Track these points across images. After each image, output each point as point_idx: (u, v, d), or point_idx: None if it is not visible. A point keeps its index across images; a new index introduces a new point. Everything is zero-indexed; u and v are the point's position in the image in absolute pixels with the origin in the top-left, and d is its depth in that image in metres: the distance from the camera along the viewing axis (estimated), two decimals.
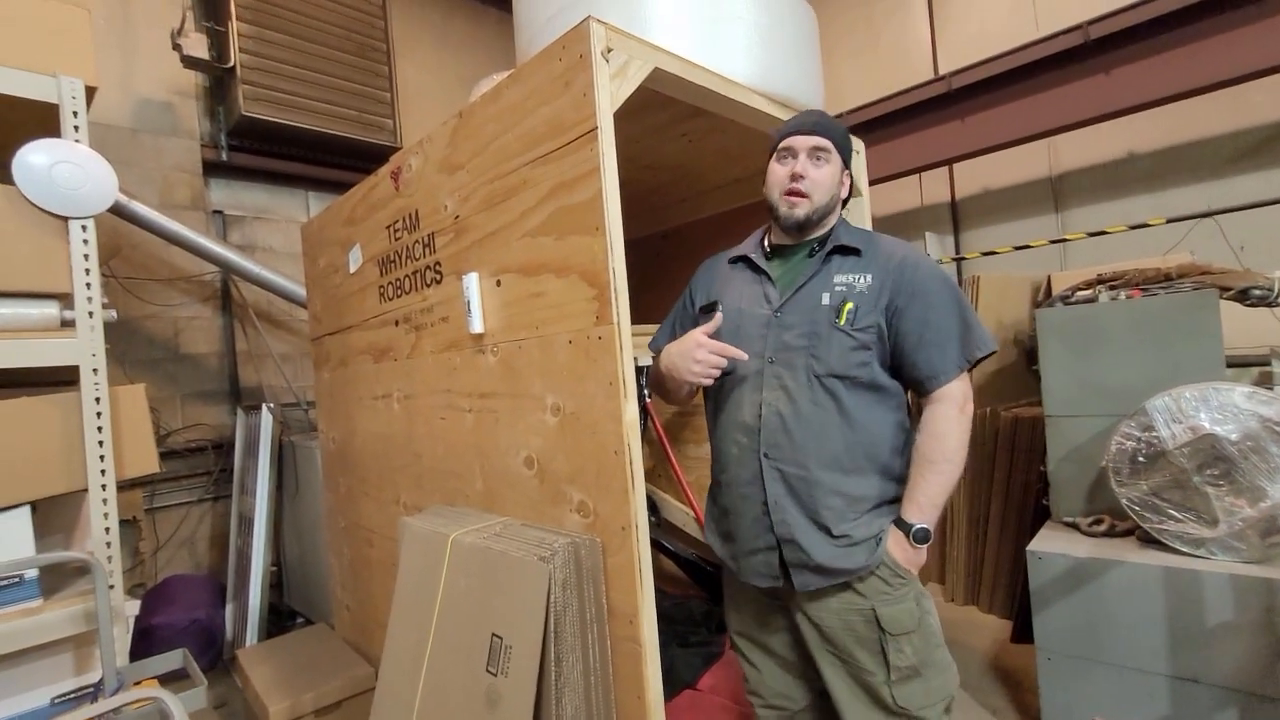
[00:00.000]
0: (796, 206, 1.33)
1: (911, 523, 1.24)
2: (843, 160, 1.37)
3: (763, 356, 1.30)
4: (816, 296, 1.29)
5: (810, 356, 1.26)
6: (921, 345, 1.24)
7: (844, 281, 1.28)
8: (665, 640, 2.04)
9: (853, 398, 1.25)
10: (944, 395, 1.25)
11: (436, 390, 1.81)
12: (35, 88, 1.86)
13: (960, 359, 1.25)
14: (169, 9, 3.50)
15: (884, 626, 1.23)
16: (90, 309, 1.90)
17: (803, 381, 1.26)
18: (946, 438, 1.24)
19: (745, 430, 1.31)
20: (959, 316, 1.26)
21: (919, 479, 1.25)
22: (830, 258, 1.33)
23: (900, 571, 1.25)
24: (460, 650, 1.37)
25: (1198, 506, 1.72)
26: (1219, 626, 1.65)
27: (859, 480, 1.26)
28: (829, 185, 1.34)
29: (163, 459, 3.08)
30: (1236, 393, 1.69)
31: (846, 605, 1.27)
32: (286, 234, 3.92)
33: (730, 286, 1.43)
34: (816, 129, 1.34)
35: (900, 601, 1.25)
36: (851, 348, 1.24)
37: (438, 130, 1.71)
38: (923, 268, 1.29)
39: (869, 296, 1.26)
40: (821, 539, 1.24)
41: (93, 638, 1.82)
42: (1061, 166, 4.25)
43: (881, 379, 1.27)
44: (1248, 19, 3.04)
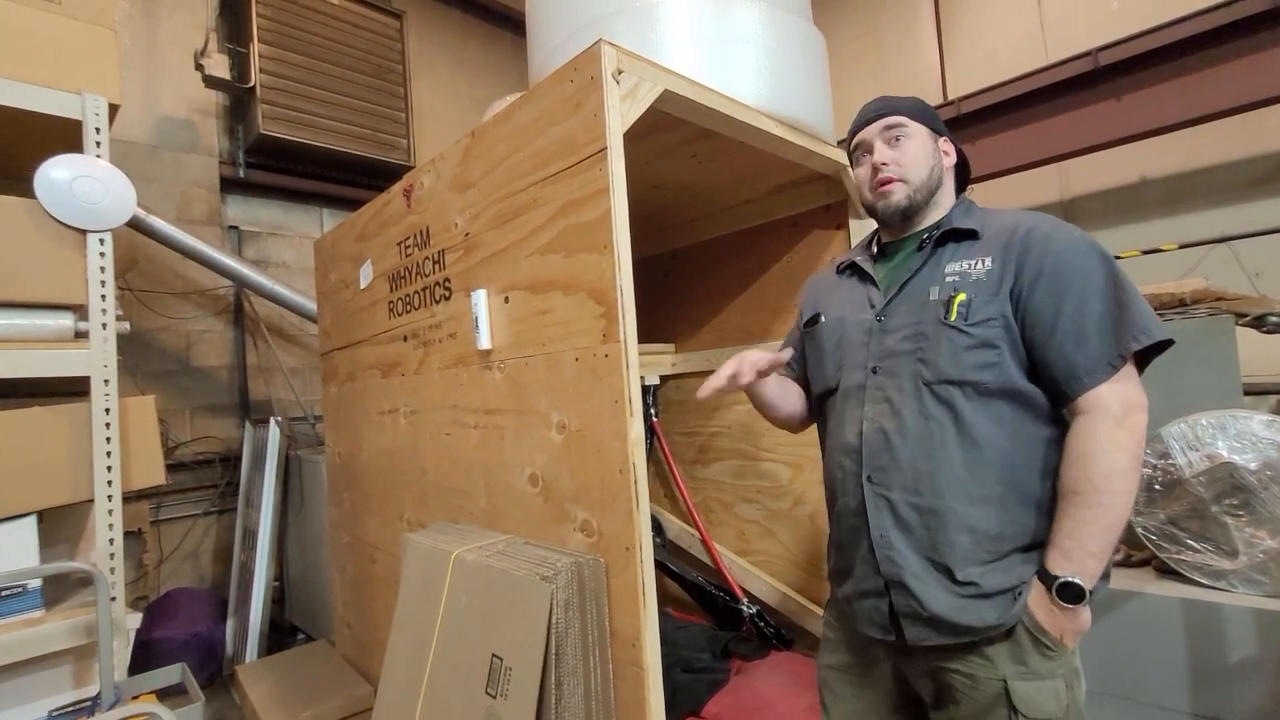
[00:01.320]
0: (891, 194, 1.17)
1: (1056, 574, 0.98)
2: (930, 129, 1.20)
3: (865, 367, 1.15)
4: (924, 292, 1.11)
5: (918, 361, 1.08)
6: (1054, 337, 1.00)
7: (957, 270, 1.09)
8: (668, 665, 2.00)
9: (977, 409, 1.03)
10: (1091, 404, 0.98)
11: (443, 406, 1.81)
12: (60, 105, 1.91)
13: (1110, 352, 0.97)
14: (193, 31, 3.60)
15: (1017, 707, 0.99)
16: (104, 321, 1.92)
17: (909, 391, 1.08)
18: (1093, 460, 0.96)
19: (848, 452, 1.15)
20: (1107, 296, 0.99)
21: (1062, 517, 0.99)
22: (941, 246, 1.14)
23: (1045, 639, 1.00)
24: (460, 671, 1.35)
25: (1217, 537, 1.68)
26: (1241, 663, 1.60)
27: (993, 513, 1.02)
28: (921, 158, 1.17)
29: (170, 471, 3.10)
30: (1255, 420, 1.65)
31: (972, 670, 1.04)
32: (300, 250, 3.98)
33: (835, 296, 1.30)
34: (881, 111, 1.21)
35: (1043, 678, 1.00)
36: (967, 347, 1.03)
37: (450, 149, 1.73)
38: (1056, 238, 1.03)
39: (988, 284, 1.04)
40: (939, 585, 1.03)
41: (93, 650, 1.80)
42: (1073, 191, 4.24)
43: (1019, 383, 1.03)
44: (1259, 46, 3.05)
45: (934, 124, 1.22)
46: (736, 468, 2.52)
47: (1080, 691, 1.04)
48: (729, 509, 2.56)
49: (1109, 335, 0.98)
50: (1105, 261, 1.01)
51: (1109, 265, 1.01)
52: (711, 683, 2.06)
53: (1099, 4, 4.03)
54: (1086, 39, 3.60)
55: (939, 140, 1.22)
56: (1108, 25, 3.79)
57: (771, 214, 2.33)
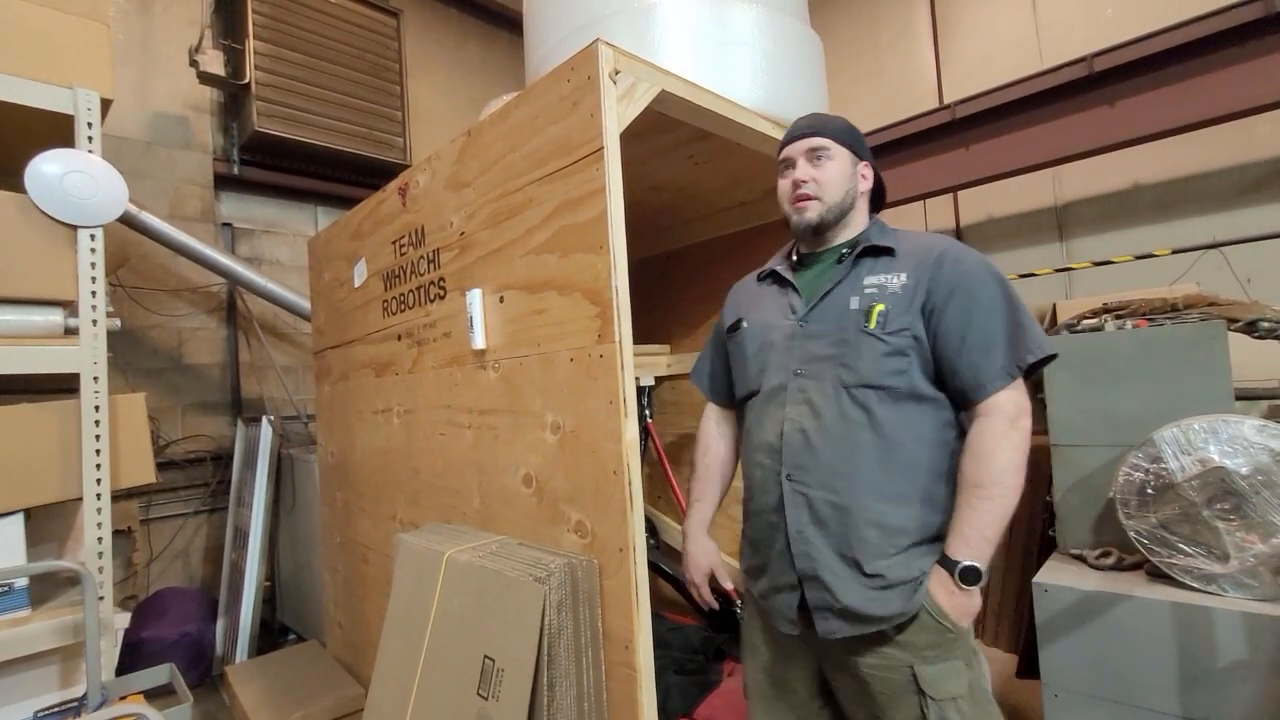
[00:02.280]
0: (806, 210, 1.25)
1: (957, 559, 1.08)
2: (852, 153, 1.28)
3: (788, 370, 1.21)
4: (844, 301, 1.19)
5: (839, 366, 1.15)
6: (963, 349, 1.11)
7: (875, 283, 1.17)
8: (661, 667, 2.00)
9: (889, 411, 1.12)
10: (991, 408, 1.10)
11: (437, 406, 1.80)
12: (52, 99, 1.89)
13: (1009, 364, 1.10)
14: (188, 27, 3.58)
15: (924, 689, 1.07)
16: (94, 317, 1.90)
17: (830, 394, 1.15)
18: (992, 457, 1.08)
19: (768, 451, 1.21)
20: (1007, 315, 1.12)
21: (964, 507, 1.09)
22: (860, 260, 1.22)
23: (946, 623, 1.09)
24: (452, 672, 1.34)
25: (1208, 541, 1.69)
26: (1232, 666, 1.60)
27: (899, 509, 1.11)
28: (838, 181, 1.25)
29: (161, 469, 3.07)
30: (1246, 425, 1.66)
31: (881, 661, 1.11)
32: (294, 247, 3.95)
33: (757, 303, 1.36)
34: (808, 130, 1.28)
35: (945, 659, 1.09)
36: (884, 354, 1.12)
37: (446, 148, 1.73)
38: (965, 260, 1.15)
39: (903, 297, 1.14)
40: (851, 578, 1.11)
41: (80, 650, 1.78)
42: (1066, 196, 4.26)
43: (924, 389, 1.14)
44: (1252, 54, 3.07)
45: (857, 148, 1.30)
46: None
47: (980, 671, 1.14)
48: (724, 511, 2.54)
49: (1008, 350, 1.11)
50: (1004, 284, 1.15)
51: (1007, 287, 1.15)
52: (704, 684, 2.06)
53: (1094, 10, 4.06)
54: (1081, 45, 3.62)
55: (859, 165, 1.30)
56: (1102, 31, 3.81)
57: (767, 216, 2.33)
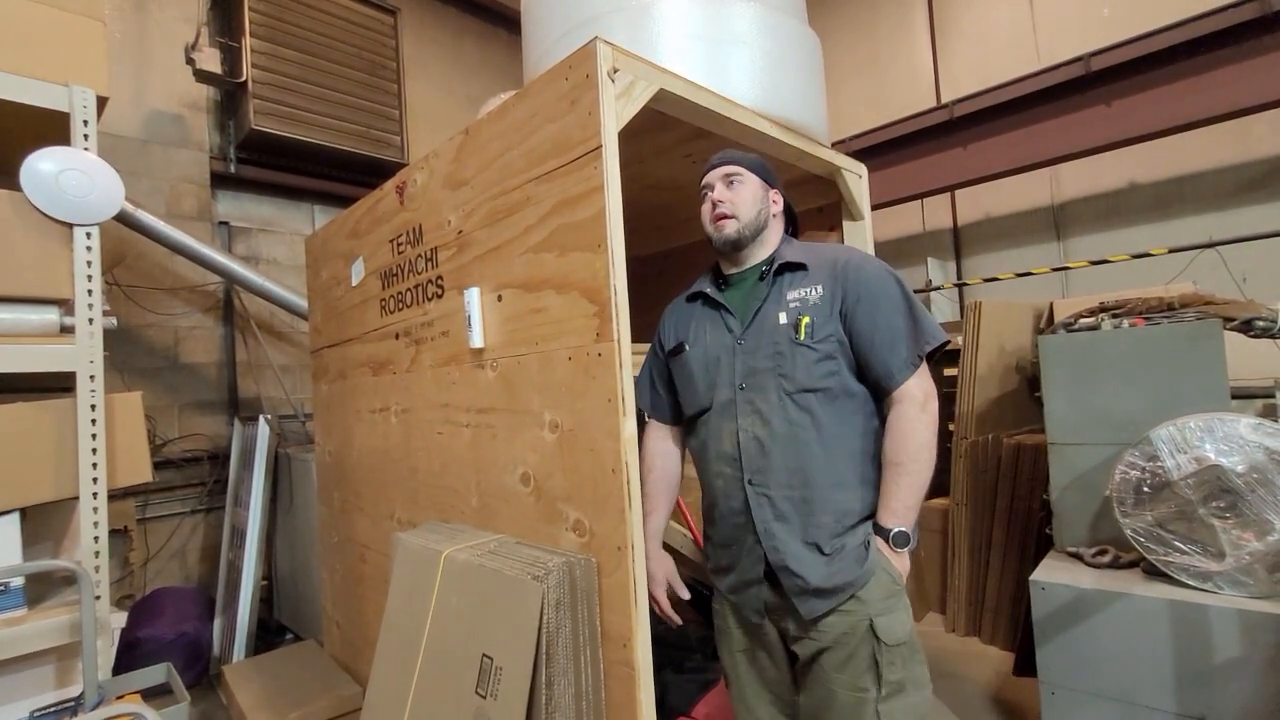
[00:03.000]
0: (724, 226, 1.38)
1: (888, 527, 1.24)
2: (762, 180, 1.42)
3: (733, 384, 1.33)
4: (774, 317, 1.32)
5: (779, 376, 1.28)
6: (874, 346, 1.26)
7: (797, 297, 1.31)
8: (659, 665, 1.99)
9: (827, 410, 1.27)
10: (902, 395, 1.26)
11: (435, 405, 1.80)
12: (47, 97, 1.88)
13: (912, 355, 1.26)
14: (184, 25, 3.57)
15: (880, 636, 1.22)
16: (90, 316, 1.90)
17: (775, 402, 1.28)
18: (908, 437, 1.24)
19: (727, 460, 1.33)
20: (905, 312, 1.28)
21: (888, 483, 1.26)
22: (779, 277, 1.36)
23: (893, 574, 1.25)
24: (450, 670, 1.34)
25: (1204, 539, 1.69)
26: (1227, 663, 1.61)
27: (846, 494, 1.27)
28: (750, 201, 1.39)
29: (157, 469, 3.06)
30: (1242, 424, 1.67)
31: (844, 617, 1.25)
32: (291, 246, 3.94)
33: (693, 324, 1.46)
34: (722, 161, 1.43)
35: (894, 611, 1.25)
36: (816, 360, 1.26)
37: (443, 146, 1.72)
38: (866, 269, 1.31)
39: (823, 307, 1.29)
40: (814, 560, 1.24)
41: (77, 649, 1.78)
42: (1064, 195, 4.27)
43: (853, 385, 1.29)
44: (1248, 54, 3.08)
45: (766, 177, 1.45)
46: None
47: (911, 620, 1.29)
48: None
49: (909, 342, 1.26)
50: (901, 285, 1.31)
51: (903, 288, 1.31)
52: (702, 683, 2.06)
53: (1091, 10, 4.07)
54: (1078, 44, 3.63)
55: (769, 191, 1.44)
56: (1099, 31, 3.82)
57: None
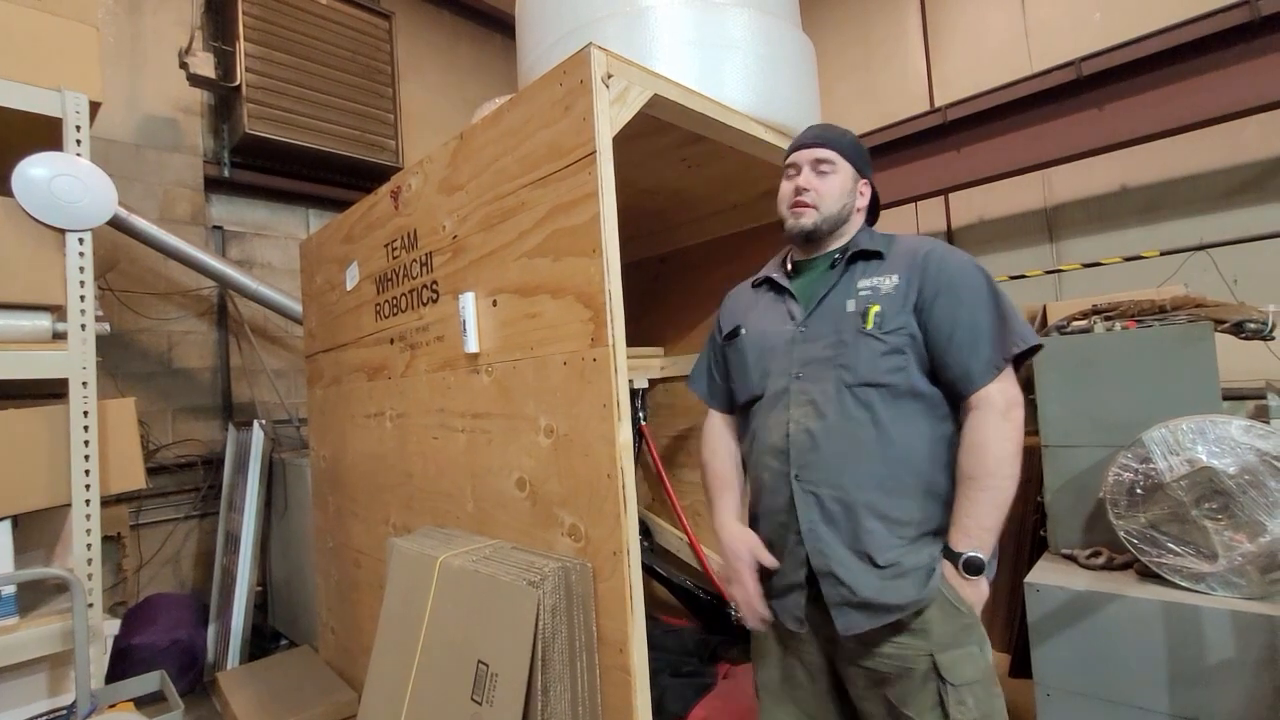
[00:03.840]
0: (802, 216, 1.28)
1: (959, 551, 1.10)
2: (855, 169, 1.32)
3: (789, 373, 1.24)
4: (841, 305, 1.22)
5: (839, 367, 1.18)
6: (952, 344, 1.14)
7: (869, 285, 1.21)
8: (656, 670, 1.99)
9: (889, 408, 1.15)
10: (982, 400, 1.12)
11: (430, 410, 1.79)
12: (40, 102, 1.88)
13: (995, 357, 1.13)
14: (178, 29, 3.56)
15: (944, 675, 1.09)
16: (83, 322, 1.89)
17: (832, 394, 1.17)
18: (986, 449, 1.10)
19: (775, 453, 1.23)
20: (992, 309, 1.15)
21: (962, 499, 1.12)
22: (852, 265, 1.26)
23: (962, 607, 1.11)
24: (445, 677, 1.34)
25: (1197, 540, 1.70)
26: (1220, 664, 1.62)
27: (902, 501, 1.14)
28: (837, 194, 1.29)
29: (151, 474, 3.04)
30: (1234, 426, 1.68)
31: (901, 650, 1.12)
32: (286, 250, 3.93)
33: (754, 310, 1.39)
34: (818, 141, 1.31)
35: (963, 645, 1.11)
36: (882, 353, 1.16)
37: (438, 151, 1.72)
38: (950, 259, 1.19)
39: (896, 298, 1.18)
40: (864, 570, 1.12)
41: (69, 658, 1.77)
42: (1056, 198, 4.30)
43: (922, 385, 1.16)
44: (1238, 57, 3.11)
45: (861, 166, 1.33)
46: None
47: (989, 654, 1.15)
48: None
49: (994, 342, 1.13)
50: (988, 280, 1.18)
51: (991, 283, 1.18)
52: (699, 687, 2.06)
53: (1082, 15, 4.10)
54: (1070, 48, 3.65)
55: (859, 182, 1.33)
56: (1090, 35, 3.85)
57: (760, 219, 2.34)
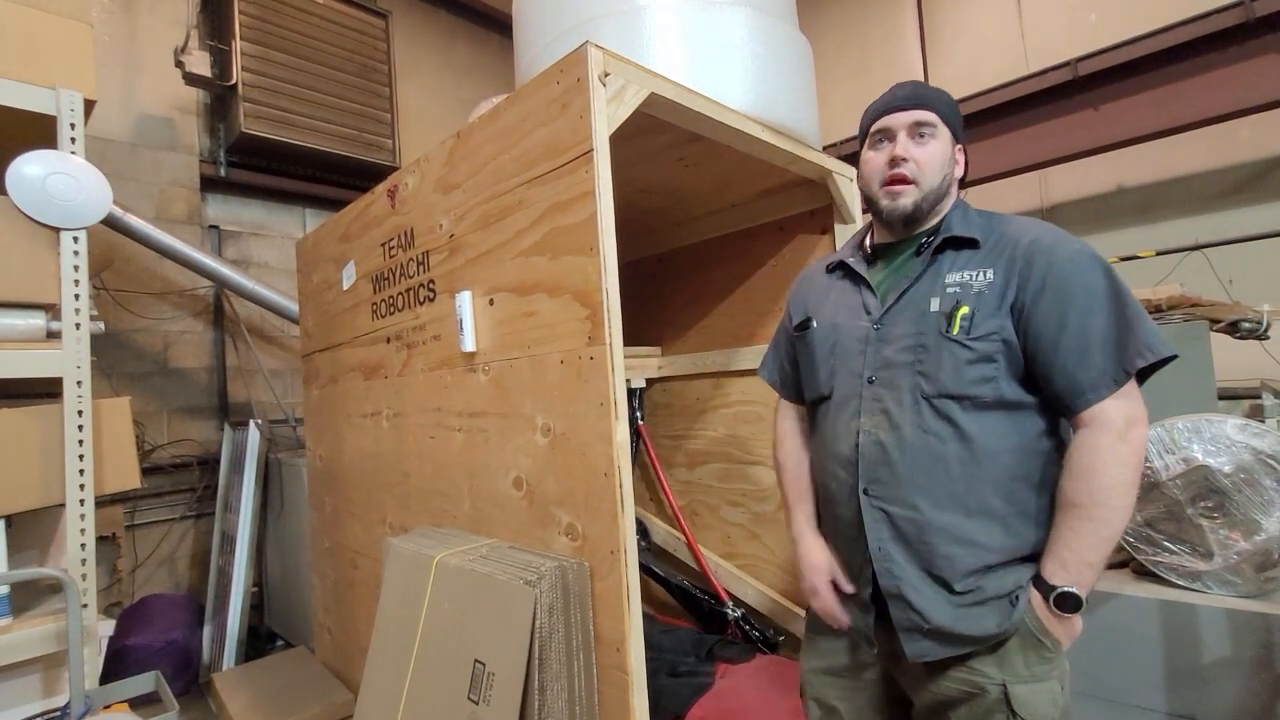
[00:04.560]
0: (901, 196, 1.11)
1: (1054, 584, 0.98)
2: (952, 134, 1.14)
3: (860, 376, 1.12)
4: (924, 302, 1.08)
5: (917, 374, 1.05)
6: (1058, 351, 0.98)
7: (958, 281, 1.06)
8: (653, 669, 1.99)
9: (975, 421, 1.02)
10: (1094, 418, 0.97)
11: (426, 409, 1.79)
12: (34, 99, 1.86)
13: (1115, 368, 0.97)
14: (173, 27, 3.54)
15: (1016, 710, 0.98)
16: (77, 320, 1.88)
17: (908, 404, 1.05)
18: (1097, 474, 0.96)
19: (843, 463, 1.13)
20: (1110, 310, 0.98)
21: (1061, 527, 0.99)
22: (940, 254, 1.11)
23: (1047, 640, 1.00)
24: (442, 676, 1.33)
25: (1192, 539, 1.71)
26: (1216, 663, 1.62)
27: (987, 525, 1.02)
28: (939, 165, 1.11)
29: (146, 474, 3.03)
30: (1229, 424, 1.69)
31: (972, 675, 1.03)
32: (282, 250, 3.92)
33: (826, 299, 1.25)
34: (915, 101, 1.12)
35: (1040, 680, 1.00)
36: (968, 361, 1.02)
37: (435, 150, 1.72)
38: (1060, 249, 1.02)
39: (990, 297, 1.03)
40: (939, 597, 1.02)
41: (63, 658, 1.76)
42: (1052, 198, 4.31)
43: (1014, 396, 1.03)
44: (1232, 59, 3.13)
45: (958, 130, 1.16)
46: (722, 471, 2.52)
47: (1068, 695, 1.05)
48: (714, 512, 2.56)
49: (1113, 351, 0.97)
50: (1108, 275, 1.00)
51: (1112, 279, 1.00)
52: (696, 687, 2.05)
53: (1078, 15, 4.11)
54: (1066, 49, 3.67)
55: (956, 148, 1.16)
56: (1086, 36, 3.86)
57: (758, 218, 2.34)
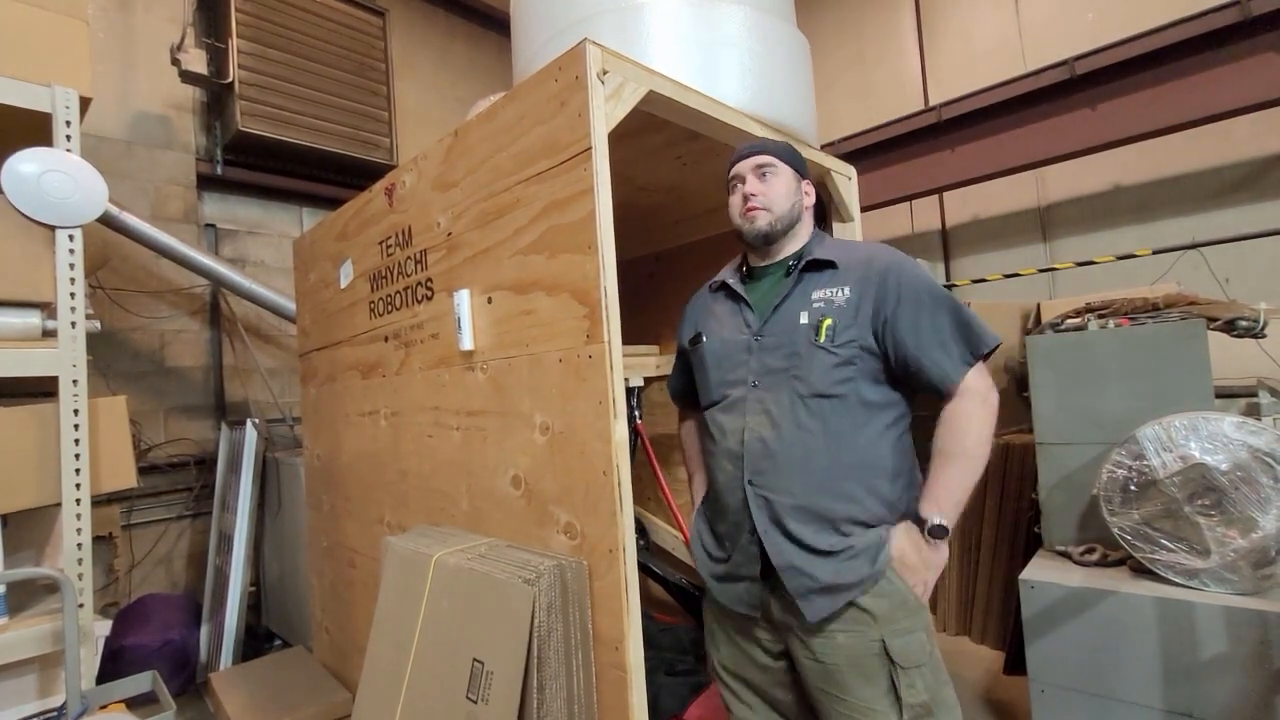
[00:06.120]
0: (756, 218, 1.33)
1: (925, 516, 1.20)
2: (795, 170, 1.38)
3: (747, 382, 1.29)
4: (795, 316, 1.27)
5: (793, 378, 1.24)
6: (922, 349, 1.21)
7: (821, 297, 1.27)
8: (652, 668, 1.99)
9: (841, 418, 1.22)
10: (964, 390, 1.21)
11: (424, 408, 1.78)
12: (29, 97, 1.86)
13: (966, 353, 1.22)
14: (169, 25, 3.53)
15: (894, 659, 1.17)
16: (73, 319, 1.87)
17: (786, 404, 1.24)
18: (965, 432, 1.20)
19: (731, 457, 1.30)
20: (952, 311, 1.23)
21: (937, 472, 1.21)
22: (805, 274, 1.32)
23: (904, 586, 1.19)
24: (440, 676, 1.33)
25: (1189, 537, 1.71)
26: (1213, 660, 1.63)
27: (851, 506, 1.21)
28: (784, 194, 1.34)
29: (143, 474, 3.03)
30: (1226, 422, 1.69)
31: (854, 638, 1.19)
32: (279, 248, 3.91)
33: (713, 316, 1.43)
34: (754, 150, 1.37)
35: (911, 632, 1.19)
36: (834, 365, 1.22)
37: (433, 147, 1.71)
38: (906, 273, 1.26)
39: (848, 310, 1.24)
40: (820, 560, 1.20)
41: (59, 658, 1.75)
42: (1050, 197, 4.32)
43: (871, 395, 1.24)
44: (1228, 58, 3.13)
45: (799, 168, 1.40)
46: None
47: (934, 643, 1.24)
48: None
49: (962, 341, 1.22)
50: (942, 292, 1.27)
51: (947, 295, 1.26)
52: (694, 685, 2.05)
53: (1075, 15, 4.12)
54: (1063, 48, 3.67)
55: (802, 182, 1.39)
56: (1083, 35, 3.87)
57: None
